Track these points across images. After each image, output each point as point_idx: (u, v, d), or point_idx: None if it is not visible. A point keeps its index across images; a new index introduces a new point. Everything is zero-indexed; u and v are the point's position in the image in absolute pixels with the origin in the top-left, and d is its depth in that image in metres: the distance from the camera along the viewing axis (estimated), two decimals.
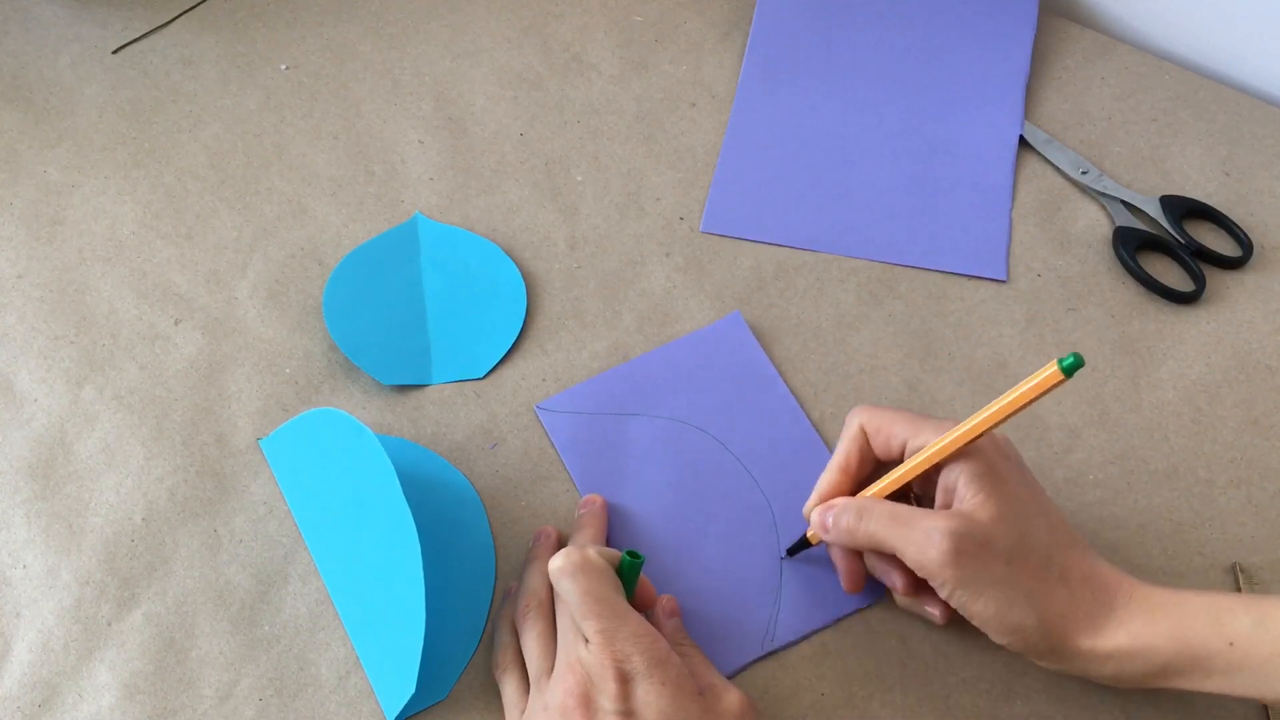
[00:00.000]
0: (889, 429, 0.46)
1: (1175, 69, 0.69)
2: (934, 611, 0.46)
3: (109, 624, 0.49)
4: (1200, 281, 0.59)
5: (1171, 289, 0.59)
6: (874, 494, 0.46)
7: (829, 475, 0.47)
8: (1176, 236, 0.61)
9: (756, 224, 0.62)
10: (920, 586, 0.46)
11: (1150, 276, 0.59)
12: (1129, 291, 0.60)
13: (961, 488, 0.43)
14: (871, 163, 0.64)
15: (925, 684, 0.48)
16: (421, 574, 0.45)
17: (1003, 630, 0.42)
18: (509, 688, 0.46)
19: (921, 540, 0.42)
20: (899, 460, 0.46)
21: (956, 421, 0.44)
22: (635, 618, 0.43)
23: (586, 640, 0.42)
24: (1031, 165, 0.65)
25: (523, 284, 0.59)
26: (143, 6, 0.71)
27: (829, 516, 0.46)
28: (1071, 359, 0.38)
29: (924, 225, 0.62)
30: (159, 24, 0.70)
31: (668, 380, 0.56)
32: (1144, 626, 0.41)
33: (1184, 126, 0.66)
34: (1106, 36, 0.71)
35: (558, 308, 0.59)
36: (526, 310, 0.59)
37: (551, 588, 0.46)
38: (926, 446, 0.44)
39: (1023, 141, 0.65)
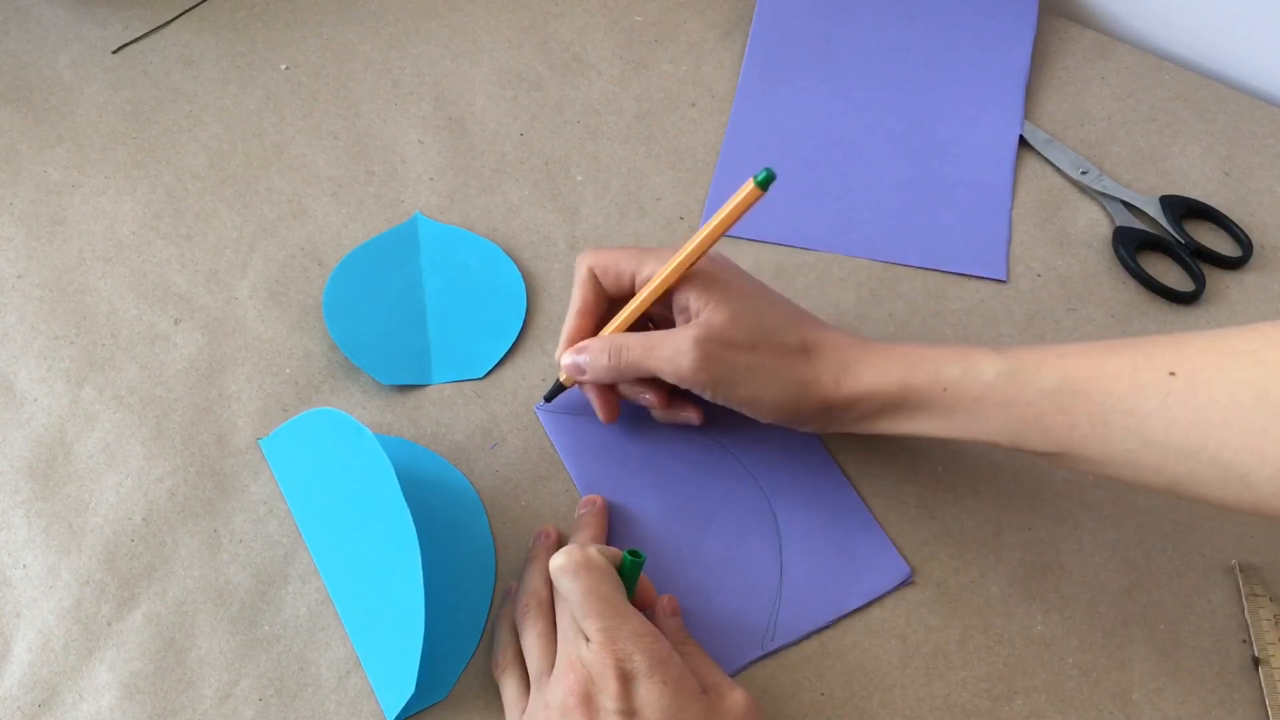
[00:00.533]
0: (616, 266, 0.49)
1: (1175, 69, 0.69)
2: (690, 415, 0.52)
3: (109, 624, 0.49)
4: (1200, 281, 0.59)
5: (1171, 289, 0.59)
6: (615, 329, 0.49)
7: (571, 321, 0.50)
8: (1176, 236, 0.61)
9: (756, 223, 0.62)
10: (673, 397, 0.52)
11: (1150, 276, 0.59)
12: (1129, 291, 0.60)
13: (694, 303, 0.47)
14: (871, 162, 0.64)
15: (925, 684, 0.48)
16: (420, 574, 0.45)
17: (766, 409, 0.47)
18: (509, 687, 0.46)
19: (673, 355, 0.46)
20: (630, 295, 0.49)
21: (678, 250, 0.48)
22: (637, 617, 0.43)
23: (588, 639, 0.42)
24: (1031, 165, 0.65)
25: (523, 284, 0.59)
26: (143, 6, 0.71)
27: (583, 359, 0.49)
28: (765, 174, 0.43)
29: (924, 225, 0.62)
30: (159, 24, 0.70)
31: None
32: (876, 375, 0.46)
33: (1184, 126, 0.66)
34: (1106, 36, 0.71)
35: (558, 308, 0.59)
36: (526, 310, 0.59)
37: (552, 587, 0.46)
38: (654, 276, 0.48)
39: (1023, 141, 0.65)
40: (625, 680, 0.41)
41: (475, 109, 0.67)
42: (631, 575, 0.45)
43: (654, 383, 0.51)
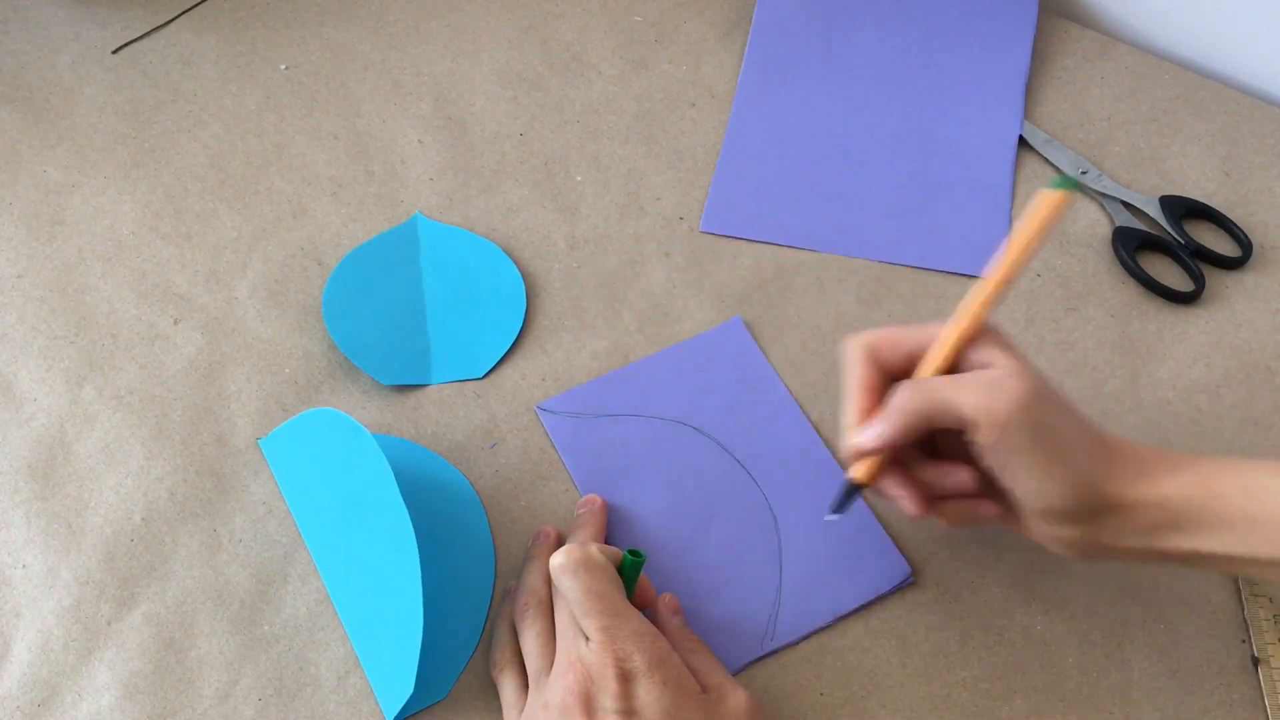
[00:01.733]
0: (895, 336, 0.44)
1: (1175, 69, 0.69)
2: (988, 510, 0.45)
3: (108, 624, 0.49)
4: (1200, 282, 0.59)
5: (1171, 289, 0.59)
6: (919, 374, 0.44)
7: (857, 400, 0.44)
8: (1176, 236, 0.61)
9: (756, 224, 0.62)
10: (953, 490, 0.45)
11: (1150, 277, 0.59)
12: (1129, 291, 0.60)
13: (998, 356, 0.42)
14: (871, 163, 0.64)
15: (925, 684, 0.48)
16: (419, 574, 0.45)
17: (1056, 487, 0.41)
18: (507, 687, 0.46)
19: (990, 387, 0.40)
20: (912, 366, 0.44)
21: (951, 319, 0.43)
22: (636, 616, 0.43)
23: (587, 638, 0.42)
24: (1031, 165, 0.65)
25: (522, 284, 0.59)
26: (142, 6, 0.71)
27: (879, 428, 0.42)
28: (1063, 179, 0.41)
29: (923, 225, 0.62)
30: (159, 24, 0.70)
31: (667, 382, 0.56)
32: (1169, 476, 0.41)
33: (1184, 126, 0.66)
34: (1106, 36, 0.71)
35: (557, 307, 0.59)
36: (526, 310, 0.59)
37: (551, 587, 0.46)
38: (944, 332, 0.43)
39: (1023, 141, 0.65)
40: (625, 680, 0.41)
41: (475, 109, 0.67)
42: (631, 574, 0.45)
43: (957, 466, 0.44)
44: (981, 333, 0.43)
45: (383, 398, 0.56)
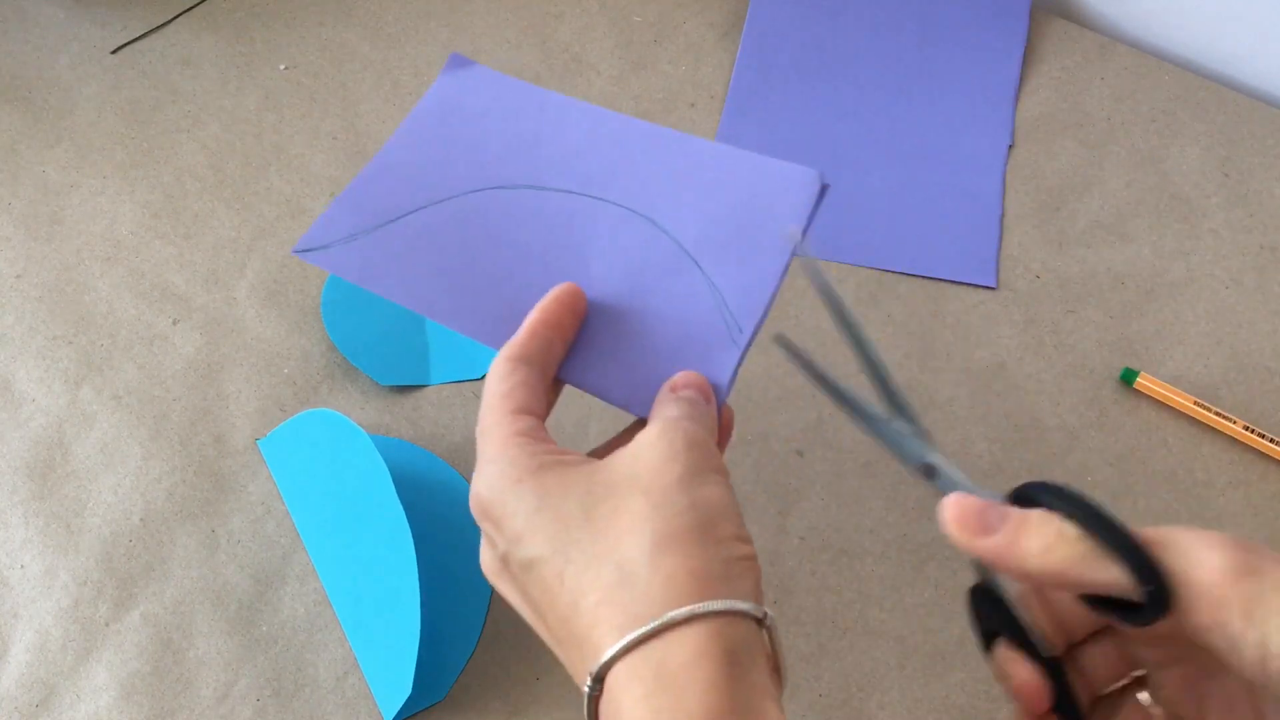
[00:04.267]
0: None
1: (1174, 69, 0.69)
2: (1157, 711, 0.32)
3: (107, 624, 0.49)
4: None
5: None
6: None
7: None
8: None
9: None
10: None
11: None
12: (1129, 292, 0.60)
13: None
14: (862, 168, 0.64)
15: (924, 685, 0.48)
16: (416, 575, 0.45)
17: None
18: None
19: (1187, 547, 0.27)
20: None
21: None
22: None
23: None
24: (1031, 165, 0.64)
25: None
26: (142, 7, 0.71)
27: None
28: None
29: (914, 231, 0.62)
30: (158, 24, 0.70)
31: (437, 158, 0.43)
32: None
33: (1183, 127, 0.66)
34: (1106, 37, 0.71)
35: None
36: None
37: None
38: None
39: (1011, 149, 0.65)
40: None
41: None
42: None
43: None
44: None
45: (381, 398, 0.56)
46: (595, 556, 0.30)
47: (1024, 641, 0.33)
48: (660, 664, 0.28)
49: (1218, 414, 0.54)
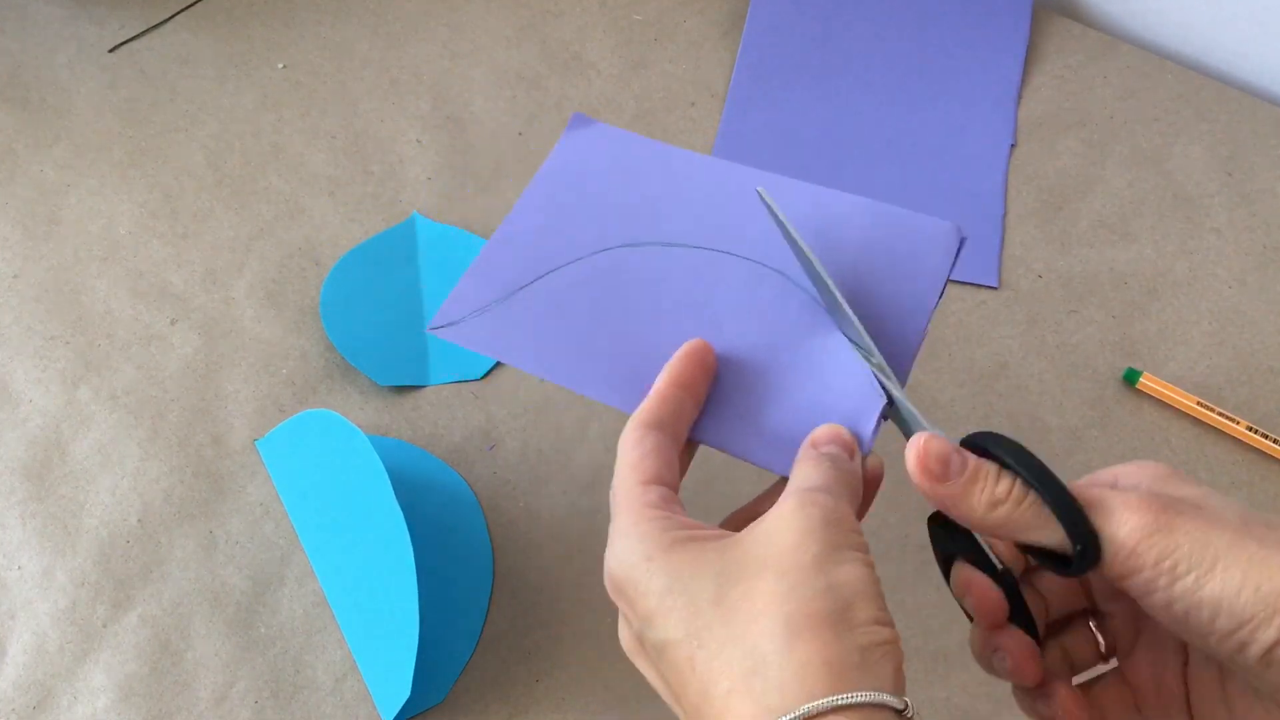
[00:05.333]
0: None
1: (1177, 68, 0.68)
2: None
3: (104, 626, 0.49)
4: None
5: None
6: None
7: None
8: None
9: None
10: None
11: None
12: (1130, 292, 0.60)
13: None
14: (863, 168, 0.64)
15: (926, 686, 0.48)
16: (415, 577, 0.44)
17: (1255, 603, 0.28)
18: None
19: (1113, 508, 0.30)
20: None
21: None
22: None
23: None
24: (1033, 164, 0.64)
25: None
26: (139, 5, 0.71)
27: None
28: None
29: None
30: (156, 22, 0.70)
31: (564, 216, 0.42)
32: None
33: (1186, 126, 0.66)
34: (1109, 36, 0.70)
35: None
36: None
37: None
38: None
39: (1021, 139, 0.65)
40: None
41: (474, 108, 0.67)
42: None
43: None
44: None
45: (380, 398, 0.55)
46: (727, 641, 0.29)
47: (982, 562, 0.34)
48: None
49: (1221, 414, 0.54)
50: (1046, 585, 0.36)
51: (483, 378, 0.56)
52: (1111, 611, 0.35)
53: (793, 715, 0.27)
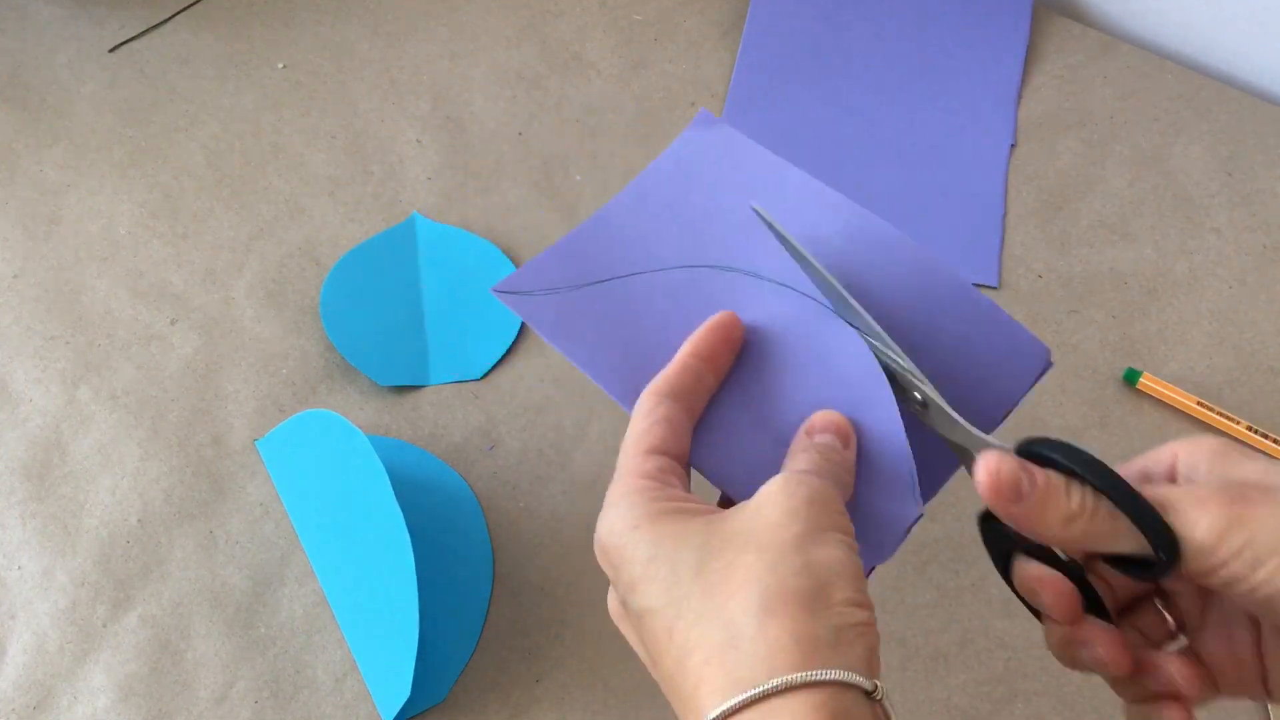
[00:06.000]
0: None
1: (1177, 68, 0.68)
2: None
3: (104, 626, 0.49)
4: None
5: None
6: None
7: None
8: None
9: None
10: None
11: None
12: (1131, 291, 0.60)
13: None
14: (863, 168, 0.64)
15: (925, 687, 0.48)
16: (414, 577, 0.44)
17: None
18: None
19: (1184, 508, 0.29)
20: None
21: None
22: None
23: None
24: (1033, 164, 0.64)
25: None
26: (139, 5, 0.71)
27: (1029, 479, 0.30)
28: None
29: (916, 231, 0.61)
30: (156, 22, 0.70)
31: (657, 221, 0.40)
32: None
33: (1186, 126, 0.66)
34: (1109, 35, 0.70)
35: None
36: None
37: None
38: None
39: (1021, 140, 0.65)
40: None
41: (474, 108, 0.66)
42: None
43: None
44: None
45: (380, 398, 0.55)
46: (704, 614, 0.29)
47: (1044, 555, 0.33)
48: None
49: (1221, 414, 0.54)
50: (1108, 569, 0.34)
51: (483, 378, 0.56)
52: (1177, 590, 0.35)
53: (761, 689, 0.27)
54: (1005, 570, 0.35)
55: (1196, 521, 0.29)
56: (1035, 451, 0.31)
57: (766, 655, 0.27)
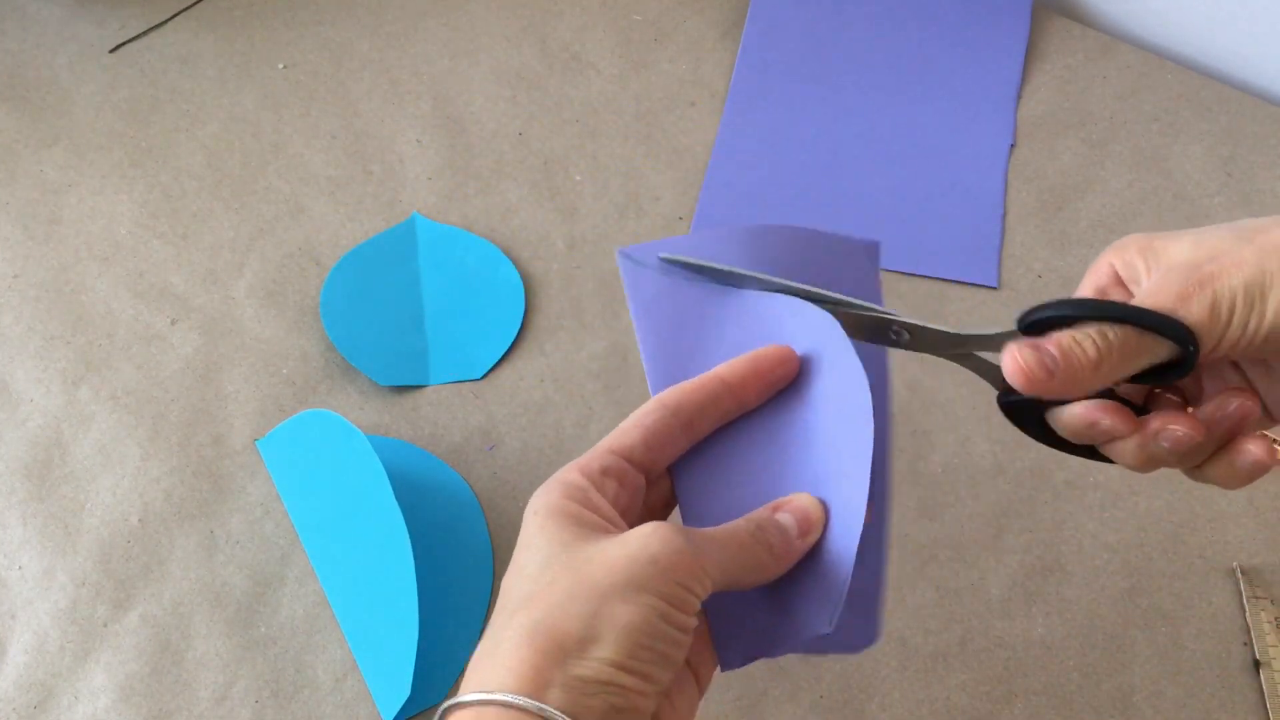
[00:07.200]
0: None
1: (1177, 68, 0.68)
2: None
3: (105, 625, 0.49)
4: None
5: None
6: None
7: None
8: None
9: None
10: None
11: None
12: None
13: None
14: (863, 168, 0.64)
15: (925, 687, 0.48)
16: (414, 577, 0.44)
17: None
18: None
19: (1170, 298, 0.32)
20: None
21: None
22: None
23: None
24: (1033, 164, 0.64)
25: (521, 284, 0.59)
26: (140, 5, 0.71)
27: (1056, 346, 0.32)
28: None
29: (915, 231, 0.61)
30: (156, 23, 0.70)
31: (786, 257, 0.40)
32: None
33: (1186, 126, 0.66)
34: (1108, 36, 0.70)
35: (556, 308, 0.59)
36: (525, 310, 0.58)
37: None
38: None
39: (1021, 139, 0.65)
40: None
41: (474, 108, 0.67)
42: None
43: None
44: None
45: (380, 398, 0.55)
46: (506, 614, 0.31)
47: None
48: None
49: None
50: (1130, 388, 0.37)
51: (483, 378, 0.56)
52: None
53: (477, 696, 0.29)
54: (1043, 434, 0.37)
55: (1190, 310, 0.32)
56: (1037, 319, 0.33)
57: (504, 673, 0.29)
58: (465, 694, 0.29)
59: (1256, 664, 0.48)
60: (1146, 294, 0.33)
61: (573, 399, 0.56)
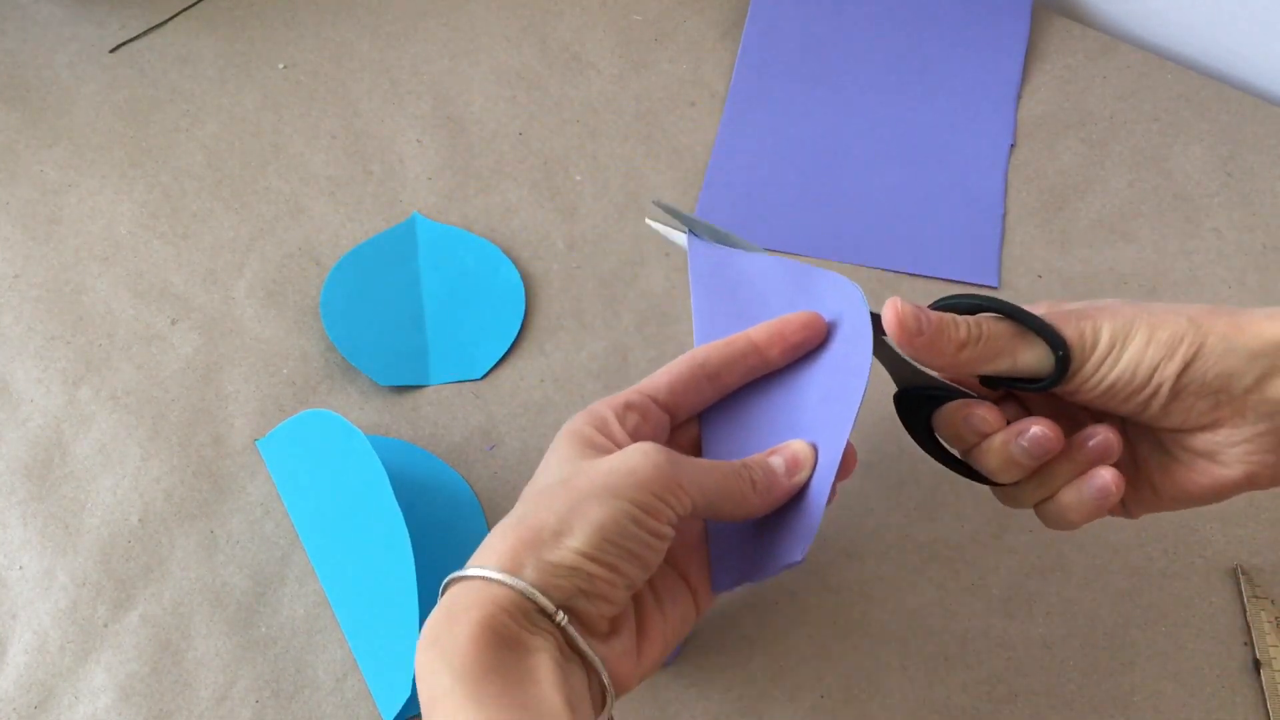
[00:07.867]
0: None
1: (1177, 68, 0.68)
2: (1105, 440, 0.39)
3: (105, 625, 0.49)
4: None
5: None
6: None
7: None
8: None
9: (747, 229, 0.62)
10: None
11: None
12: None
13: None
14: (863, 168, 0.64)
15: (925, 686, 0.48)
16: (414, 577, 0.44)
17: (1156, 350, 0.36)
18: None
19: (1055, 321, 0.37)
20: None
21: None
22: None
23: None
24: (1033, 164, 0.64)
25: (521, 284, 0.59)
26: (140, 5, 0.71)
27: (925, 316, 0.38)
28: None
29: (916, 231, 0.61)
30: (156, 23, 0.70)
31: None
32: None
33: (1186, 126, 0.66)
34: (1108, 35, 0.70)
35: (556, 308, 0.59)
36: (525, 310, 0.58)
37: None
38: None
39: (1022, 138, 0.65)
40: None
41: (474, 108, 0.67)
42: None
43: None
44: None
45: (381, 398, 0.55)
46: (509, 517, 0.35)
47: (955, 397, 0.40)
48: (450, 601, 0.34)
49: None
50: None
51: (483, 378, 0.56)
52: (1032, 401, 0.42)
53: (464, 572, 0.34)
54: (928, 440, 0.41)
55: (1065, 327, 0.37)
56: (942, 304, 0.39)
57: (489, 554, 0.34)
58: (464, 571, 0.34)
59: (1256, 664, 0.48)
60: (1042, 312, 0.38)
61: (573, 399, 0.56)
